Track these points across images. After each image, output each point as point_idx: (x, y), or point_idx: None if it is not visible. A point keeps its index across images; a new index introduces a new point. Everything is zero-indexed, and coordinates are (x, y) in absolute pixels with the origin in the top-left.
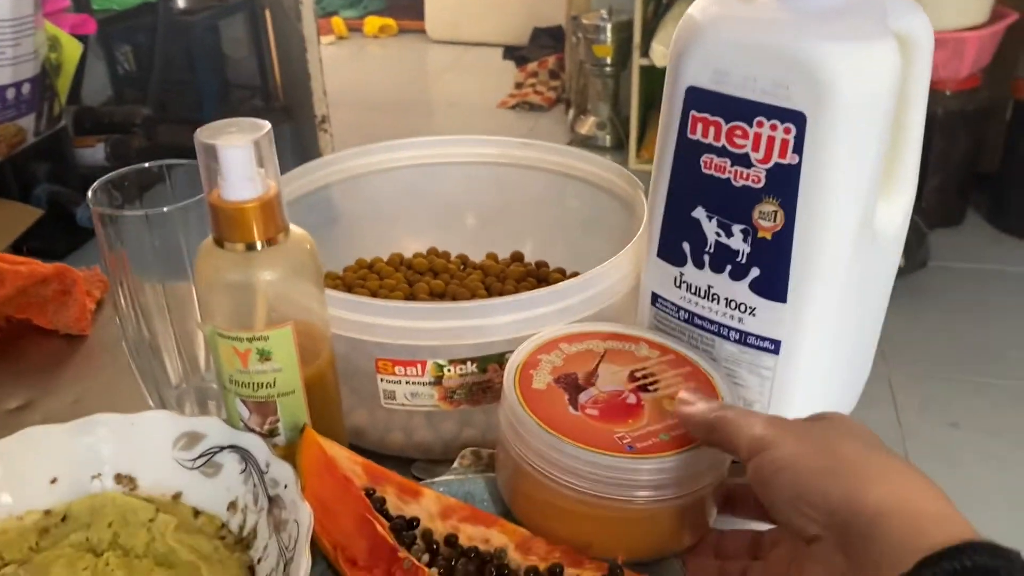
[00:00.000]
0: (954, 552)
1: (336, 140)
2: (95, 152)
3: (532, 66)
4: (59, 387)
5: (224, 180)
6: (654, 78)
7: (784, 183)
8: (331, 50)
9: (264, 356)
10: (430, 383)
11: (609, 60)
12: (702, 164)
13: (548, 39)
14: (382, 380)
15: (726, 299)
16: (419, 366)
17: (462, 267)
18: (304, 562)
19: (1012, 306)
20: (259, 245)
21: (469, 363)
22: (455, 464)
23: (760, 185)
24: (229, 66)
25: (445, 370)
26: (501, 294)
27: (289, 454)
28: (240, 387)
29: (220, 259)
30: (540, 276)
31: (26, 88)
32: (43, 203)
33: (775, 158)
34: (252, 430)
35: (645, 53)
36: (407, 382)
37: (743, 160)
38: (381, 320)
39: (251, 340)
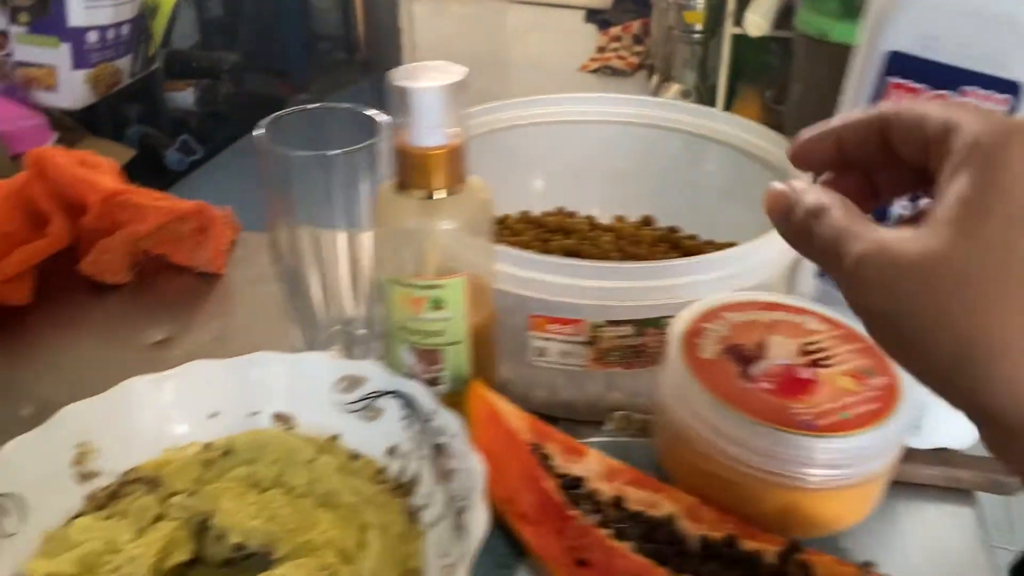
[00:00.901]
0: None
1: None
2: (185, 96)
3: (615, 30)
4: (198, 324)
5: (413, 125)
6: (744, 47)
7: None
8: (415, 6)
9: (437, 304)
10: (584, 343)
11: (699, 27)
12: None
13: (631, 3)
14: (534, 337)
15: None
16: (575, 325)
17: (590, 228)
18: (483, 514)
19: None
20: (442, 193)
21: (627, 325)
22: (604, 426)
23: None
24: (314, 17)
25: (601, 331)
26: (634, 258)
27: (449, 404)
28: (410, 334)
29: (401, 205)
30: (673, 241)
31: (125, 29)
32: (135, 144)
33: None
34: (415, 377)
35: (738, 22)
36: (561, 340)
37: (1010, 88)
38: (543, 276)
39: (427, 288)
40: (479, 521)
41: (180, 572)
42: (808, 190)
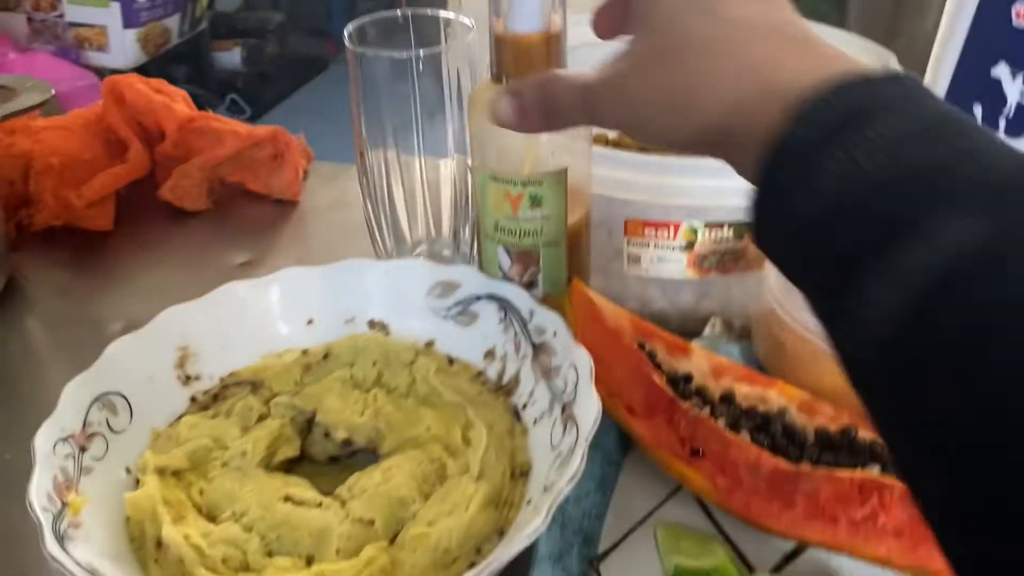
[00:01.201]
0: (825, 94)
1: None
2: (231, 56)
3: None
4: (278, 248)
5: (512, 8)
6: None
7: None
8: None
9: (535, 202)
10: (681, 248)
11: None
12: (1013, 15)
13: None
14: (629, 243)
15: None
16: (671, 228)
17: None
18: (594, 403)
19: None
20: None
21: (726, 227)
22: (705, 331)
23: None
24: None
25: (699, 234)
26: None
27: (548, 307)
28: (506, 234)
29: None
30: None
31: None
32: None
33: None
34: (510, 280)
35: None
36: (656, 246)
37: None
38: (639, 176)
39: (526, 185)
40: (590, 409)
41: (287, 469)
42: (498, 99)
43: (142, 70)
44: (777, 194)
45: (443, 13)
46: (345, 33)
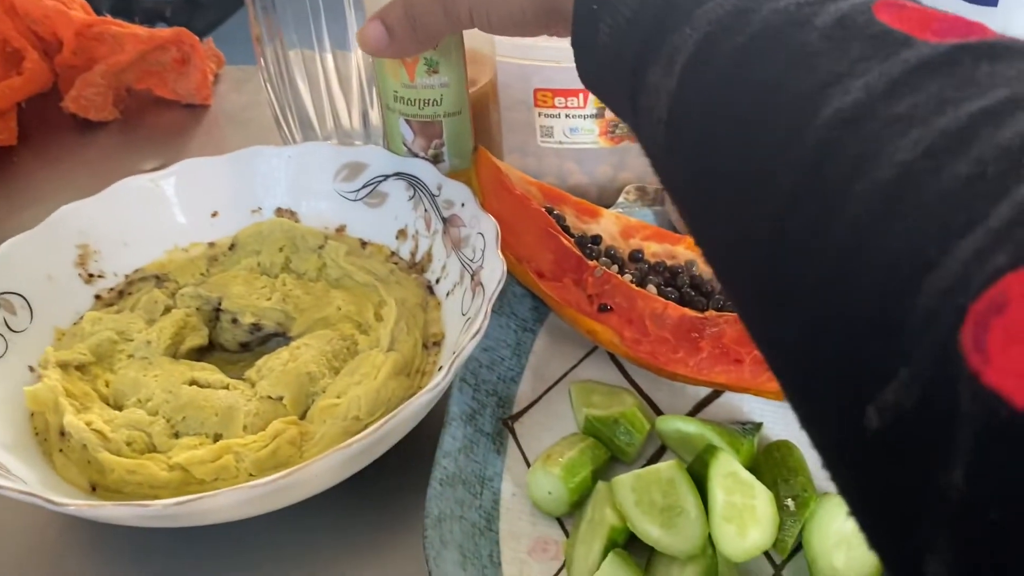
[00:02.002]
0: None
1: None
2: None
3: None
4: (191, 152)
5: None
6: None
7: None
8: None
9: (431, 67)
10: (592, 116)
11: None
12: None
13: None
14: (540, 114)
15: None
16: (580, 96)
17: None
18: (498, 265)
19: None
20: None
21: None
22: (619, 199)
23: None
24: None
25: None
26: None
27: (457, 180)
28: (405, 105)
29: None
30: None
31: None
32: None
33: None
34: (416, 155)
35: None
36: (567, 115)
37: None
38: (546, 42)
39: None
40: (495, 272)
41: (196, 358)
42: (365, 27)
43: None
44: (588, 30)
45: None
46: None
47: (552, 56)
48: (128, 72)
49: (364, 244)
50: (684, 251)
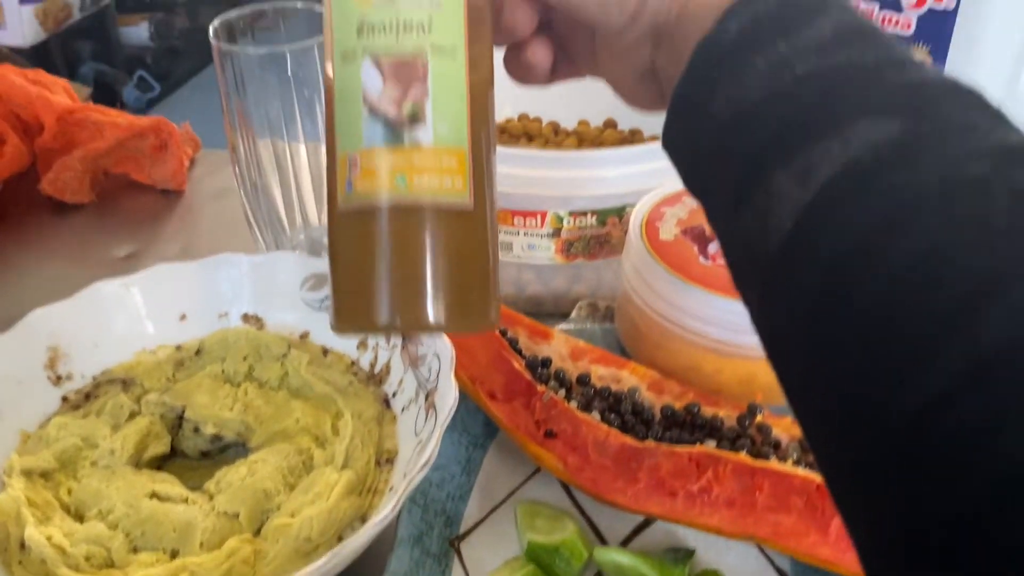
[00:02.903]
0: None
1: None
2: (139, 31)
3: None
4: (163, 238)
5: None
6: None
7: (936, 30)
8: None
9: None
10: (549, 235)
11: None
12: None
13: None
14: (500, 231)
15: None
16: (539, 217)
17: (554, 133)
18: (452, 389)
19: None
20: None
21: (589, 215)
22: (572, 314)
23: (910, 32)
24: None
25: (564, 221)
26: None
27: (441, 164)
28: (377, 34)
29: None
30: (635, 143)
31: None
32: (90, 82)
33: (929, 3)
34: (382, 116)
35: None
36: (525, 234)
37: (893, 4)
38: (505, 169)
39: None
40: (447, 400)
41: (158, 465)
42: None
43: (43, 47)
44: (702, 88)
45: (310, 6)
46: (211, 28)
47: (512, 186)
48: (106, 157)
49: (326, 352)
50: (628, 376)
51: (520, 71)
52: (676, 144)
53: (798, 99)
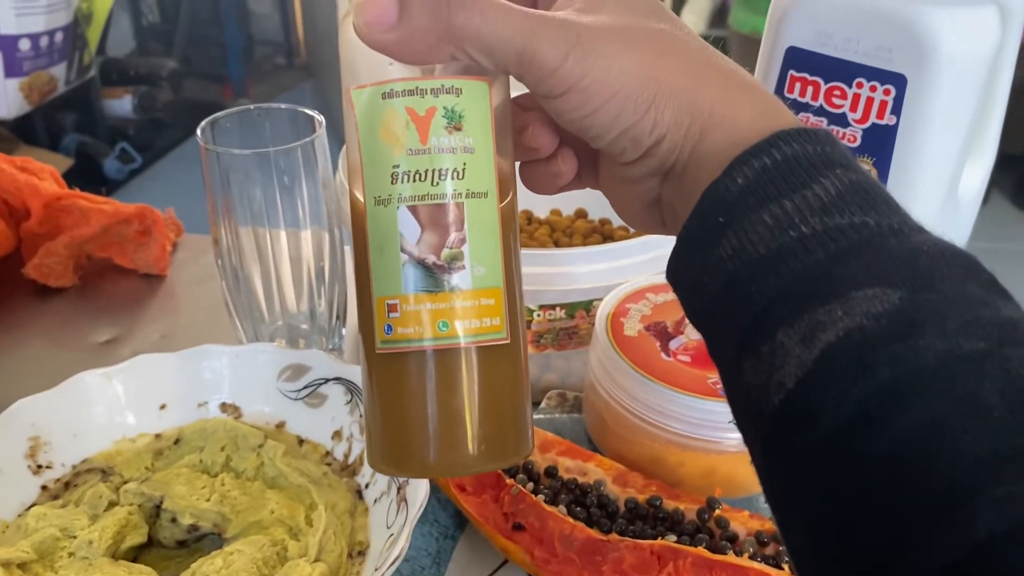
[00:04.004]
0: (763, 146)
1: None
2: (122, 104)
3: None
4: (144, 324)
5: None
6: None
7: (880, 143)
8: None
9: (453, 121)
10: None
11: None
12: (785, 88)
13: None
14: None
15: None
16: None
17: (527, 222)
18: (423, 482)
19: None
20: None
21: (558, 308)
22: (541, 404)
23: (856, 144)
24: (253, 22)
25: (534, 315)
26: (568, 248)
27: (480, 311)
28: (412, 182)
29: None
30: (605, 233)
31: (59, 36)
32: (72, 153)
33: (872, 118)
34: (422, 263)
35: None
36: None
37: (840, 120)
38: None
39: (438, 93)
40: (418, 494)
41: (135, 555)
42: None
43: (27, 119)
44: (710, 234)
45: (298, 108)
46: (198, 131)
47: None
48: (91, 243)
49: (301, 442)
50: (595, 468)
51: (537, 181)
52: (680, 280)
53: (803, 260)
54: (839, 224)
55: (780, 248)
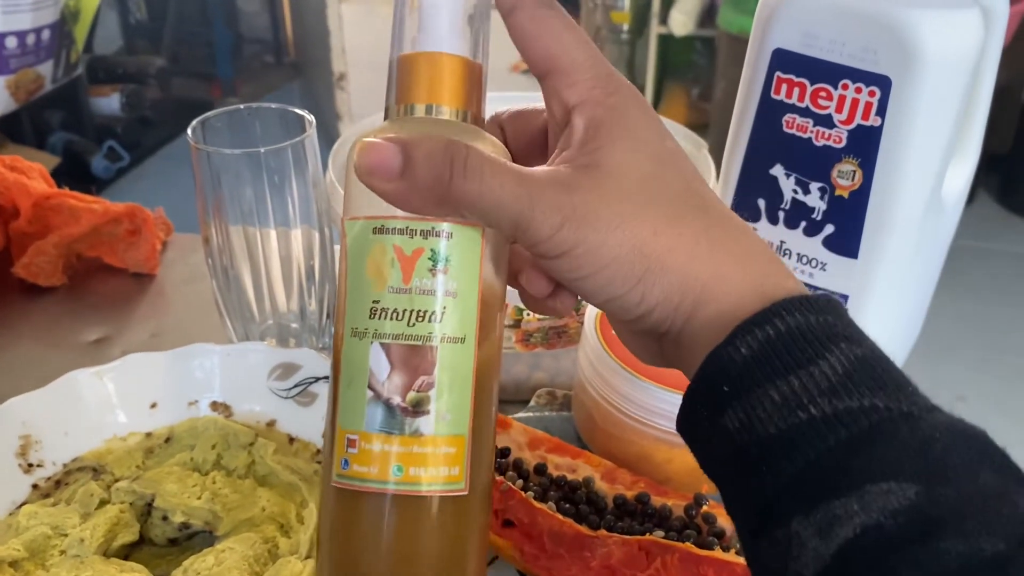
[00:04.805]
0: (766, 315)
1: (352, 100)
2: (110, 102)
3: None
4: (134, 322)
5: (422, 27)
6: (670, 47)
7: (865, 144)
8: (344, 8)
9: (438, 264)
10: (509, 326)
11: (626, 27)
12: (784, 124)
13: (561, 3)
14: None
15: (798, 254)
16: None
17: None
18: None
19: (1021, 285)
20: (458, 115)
21: None
22: (531, 403)
23: (841, 145)
24: (241, 20)
25: (524, 313)
26: None
27: (439, 459)
28: (387, 320)
29: (398, 126)
30: None
31: (46, 34)
32: (59, 152)
33: (858, 120)
34: (386, 402)
35: (664, 21)
36: None
37: (826, 121)
38: None
39: (427, 235)
40: None
41: (126, 553)
42: (375, 141)
43: (14, 117)
44: (715, 401)
45: (288, 108)
46: (189, 131)
47: None
48: (80, 242)
49: (292, 440)
50: (583, 465)
51: (535, 310)
52: (689, 434)
53: (815, 448)
54: (848, 407)
55: (790, 429)
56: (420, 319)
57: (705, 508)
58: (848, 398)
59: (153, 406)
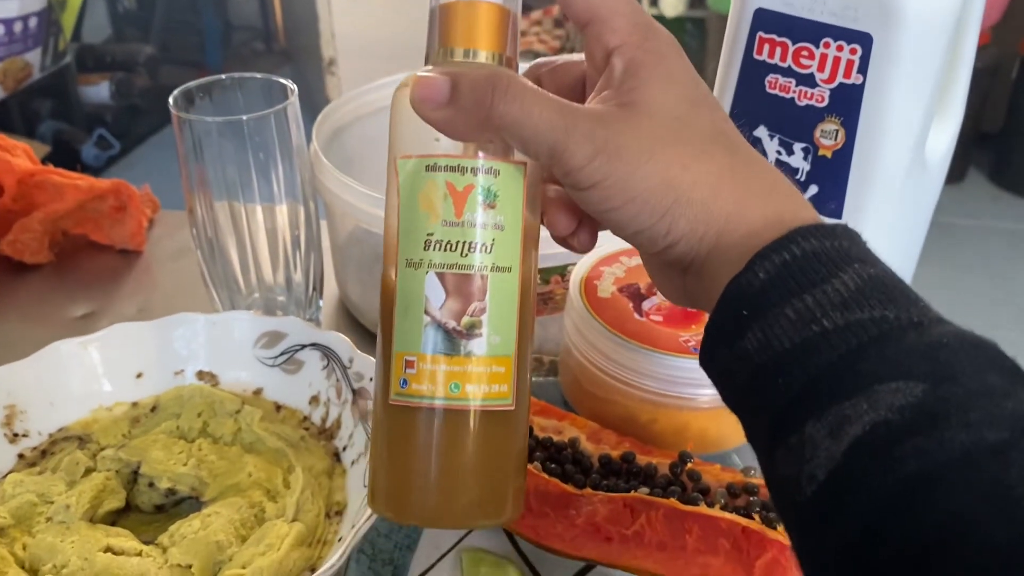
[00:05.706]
0: (783, 242)
1: (342, 85)
2: (99, 90)
3: (536, 14)
4: (121, 298)
5: None
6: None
7: (847, 102)
8: None
9: (489, 199)
10: None
11: None
12: (766, 84)
13: None
14: None
15: None
16: None
17: None
18: None
19: (1012, 262)
20: (494, 58)
21: None
22: None
23: (824, 104)
24: (231, 7)
25: None
26: None
27: (489, 378)
28: (442, 251)
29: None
30: None
31: (33, 22)
32: (48, 140)
33: (839, 78)
34: (443, 326)
35: (655, 2)
36: None
37: (808, 80)
38: None
39: (477, 172)
40: None
41: (113, 519)
42: (429, 75)
43: (3, 106)
44: (734, 326)
45: (272, 78)
46: (171, 99)
47: None
48: (66, 218)
49: (279, 408)
50: (569, 427)
51: (559, 245)
52: (710, 368)
53: (828, 355)
54: (860, 319)
55: (804, 342)
56: (472, 250)
57: (690, 465)
58: (860, 311)
59: (139, 375)
